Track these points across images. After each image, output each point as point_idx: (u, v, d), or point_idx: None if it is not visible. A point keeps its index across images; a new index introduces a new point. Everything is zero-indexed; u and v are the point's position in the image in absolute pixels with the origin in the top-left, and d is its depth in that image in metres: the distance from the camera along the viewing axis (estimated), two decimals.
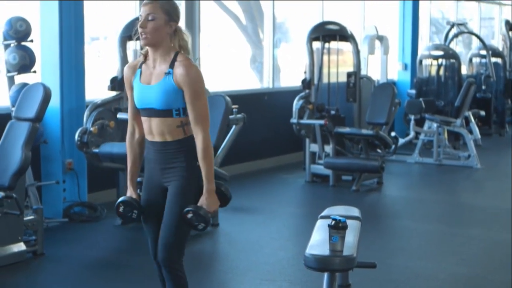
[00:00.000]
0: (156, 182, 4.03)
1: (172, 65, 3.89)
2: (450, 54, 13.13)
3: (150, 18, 3.87)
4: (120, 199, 4.11)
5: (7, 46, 7.19)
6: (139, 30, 3.89)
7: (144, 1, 3.94)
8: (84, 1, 7.80)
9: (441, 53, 13.15)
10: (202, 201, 3.93)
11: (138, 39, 3.98)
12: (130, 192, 4.11)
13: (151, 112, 3.91)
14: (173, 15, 3.93)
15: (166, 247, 3.94)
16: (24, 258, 6.14)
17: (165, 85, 3.87)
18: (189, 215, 3.87)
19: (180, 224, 3.92)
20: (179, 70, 3.86)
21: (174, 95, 3.87)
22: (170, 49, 3.93)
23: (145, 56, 4.01)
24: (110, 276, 5.88)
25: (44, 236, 6.41)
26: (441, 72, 13.08)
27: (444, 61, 13.11)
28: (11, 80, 7.21)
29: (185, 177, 3.95)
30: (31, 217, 6.31)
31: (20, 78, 7.24)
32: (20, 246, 6.13)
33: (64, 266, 6.14)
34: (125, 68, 4.09)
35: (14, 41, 7.15)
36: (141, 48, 4.08)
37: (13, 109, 6.60)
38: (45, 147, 7.61)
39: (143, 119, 3.98)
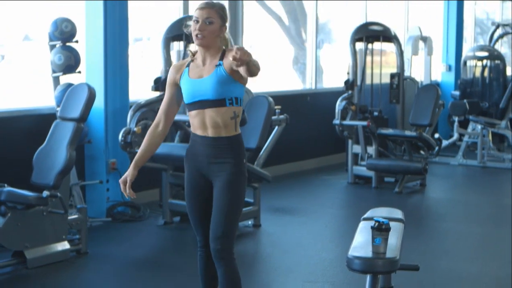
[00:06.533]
0: (202, 174, 4.18)
1: (221, 58, 4.12)
2: (495, 55, 13.01)
3: (208, 21, 4.08)
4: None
5: (52, 47, 7.27)
6: (196, 31, 4.08)
7: (201, 5, 4.13)
8: (129, 2, 7.86)
9: (485, 54, 13.02)
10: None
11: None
12: (132, 172, 4.25)
13: (204, 104, 4.08)
14: (225, 20, 4.16)
15: (220, 238, 4.07)
16: (68, 257, 6.20)
17: (217, 75, 4.07)
18: None
19: (230, 215, 4.08)
20: (228, 55, 4.00)
21: (226, 84, 4.07)
22: (218, 49, 4.16)
23: (193, 55, 4.21)
24: (153, 275, 5.91)
25: (87, 235, 6.47)
26: (486, 73, 12.96)
27: (488, 62, 12.99)
28: (56, 80, 7.29)
29: (233, 173, 4.10)
30: (75, 216, 6.37)
31: (65, 79, 7.32)
32: (64, 245, 6.20)
33: (107, 265, 6.19)
34: (172, 67, 4.27)
35: (59, 42, 7.23)
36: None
37: (58, 109, 6.66)
38: (89, 146, 7.68)
39: (194, 113, 4.13)
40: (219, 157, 4.12)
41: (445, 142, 11.90)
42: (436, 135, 10.58)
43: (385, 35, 10.26)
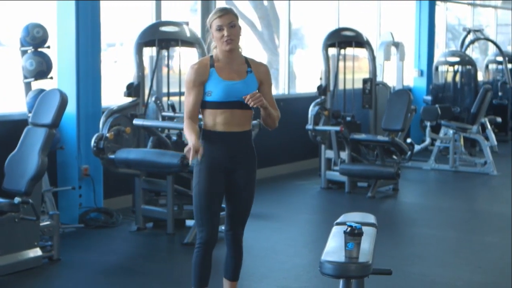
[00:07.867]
0: (220, 168, 4.53)
1: (248, 65, 4.54)
2: (466, 61, 13.11)
3: (231, 25, 4.43)
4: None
5: (24, 52, 7.22)
6: (226, 37, 4.40)
7: (219, 13, 4.45)
8: (101, 8, 7.83)
9: (457, 59, 13.12)
10: None
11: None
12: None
13: (236, 105, 4.46)
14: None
15: (244, 222, 4.73)
16: (40, 264, 6.16)
17: (250, 81, 4.50)
18: None
19: (251, 204, 4.75)
20: (259, 68, 4.57)
21: (255, 90, 4.49)
22: (239, 50, 4.54)
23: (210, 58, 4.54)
24: (126, 282, 5.89)
25: (60, 242, 6.43)
26: (457, 78, 13.05)
27: (460, 68, 13.09)
28: (28, 86, 7.24)
29: (255, 162, 4.70)
30: (47, 222, 6.33)
31: (37, 84, 7.27)
32: (36, 252, 6.16)
33: (80, 272, 6.15)
34: (196, 67, 4.48)
35: (31, 47, 7.19)
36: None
37: (30, 115, 6.62)
38: (61, 153, 7.64)
39: (219, 111, 4.46)
40: (242, 148, 4.57)
41: (417, 147, 11.97)
42: (409, 140, 10.63)
43: (358, 40, 10.31)
